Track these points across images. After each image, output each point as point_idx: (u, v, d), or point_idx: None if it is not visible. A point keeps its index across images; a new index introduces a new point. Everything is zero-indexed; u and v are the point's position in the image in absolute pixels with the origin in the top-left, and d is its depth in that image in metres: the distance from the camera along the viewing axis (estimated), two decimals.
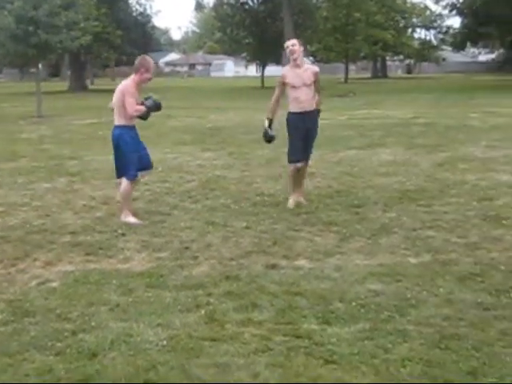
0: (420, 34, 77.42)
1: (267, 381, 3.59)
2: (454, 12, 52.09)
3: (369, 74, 72.05)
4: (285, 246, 6.10)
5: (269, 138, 7.73)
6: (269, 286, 5.00)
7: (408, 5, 68.68)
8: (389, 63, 76.04)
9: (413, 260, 5.64)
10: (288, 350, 3.94)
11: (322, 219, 6.99)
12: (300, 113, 7.43)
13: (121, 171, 7.14)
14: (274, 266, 5.52)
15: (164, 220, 7.13)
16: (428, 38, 70.59)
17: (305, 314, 4.47)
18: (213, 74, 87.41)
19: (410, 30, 70.28)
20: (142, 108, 6.93)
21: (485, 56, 71.29)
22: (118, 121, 7.00)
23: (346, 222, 6.88)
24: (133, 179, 7.11)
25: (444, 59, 70.40)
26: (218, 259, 5.73)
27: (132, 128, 7.07)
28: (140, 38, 50.19)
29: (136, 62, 6.93)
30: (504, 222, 6.76)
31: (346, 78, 55.03)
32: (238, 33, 48.79)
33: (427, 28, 69.61)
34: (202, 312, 4.54)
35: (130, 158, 6.99)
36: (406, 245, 6.06)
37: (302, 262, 5.64)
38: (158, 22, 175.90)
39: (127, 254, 5.94)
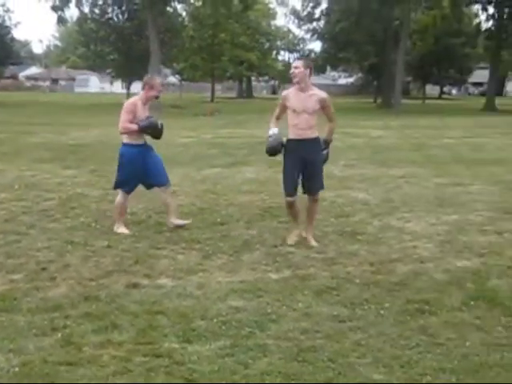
0: (284, 56, 79.88)
1: None
2: (316, 37, 54.38)
3: (234, 94, 73.31)
4: (146, 265, 6.01)
5: (270, 149, 6.87)
6: (129, 306, 4.90)
7: (272, 28, 70.79)
8: (254, 83, 77.86)
9: (274, 276, 5.76)
10: (148, 371, 3.87)
11: (185, 237, 6.97)
12: (297, 140, 6.67)
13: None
14: (135, 286, 5.42)
15: (20, 240, 6.80)
16: (291, 60, 73.01)
17: (166, 332, 4.42)
18: (77, 90, 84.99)
19: (274, 52, 72.42)
20: (133, 127, 6.89)
21: (344, 79, 74.82)
22: (124, 138, 7.09)
23: (208, 239, 6.90)
24: (124, 191, 7.27)
25: None
26: (76, 280, 5.54)
27: (136, 146, 7.05)
28: None
29: (143, 80, 7.13)
30: (359, 237, 7.09)
31: (213, 97, 55.63)
32: (103, 48, 48.00)
33: (290, 51, 72.09)
34: (59, 335, 4.35)
35: (121, 175, 7.22)
36: (267, 261, 6.18)
37: (164, 281, 5.58)
38: (18, 34, 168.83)
39: None
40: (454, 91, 77.65)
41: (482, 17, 58.04)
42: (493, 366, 3.98)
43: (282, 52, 74.00)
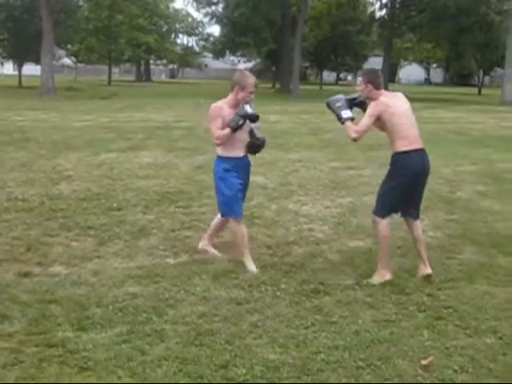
0: (182, 40, 79.09)
1: None
2: (214, 20, 54.13)
3: (133, 77, 71.93)
4: (39, 253, 5.81)
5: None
6: (21, 296, 4.73)
7: (171, 10, 69.81)
8: (152, 67, 76.69)
9: (171, 261, 5.73)
10: (40, 361, 3.76)
11: (80, 223, 6.79)
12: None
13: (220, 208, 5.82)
14: (26, 274, 5.23)
15: None
16: (190, 44, 72.46)
17: (59, 322, 4.31)
18: None
19: (172, 36, 71.49)
20: (225, 132, 5.47)
21: (244, 64, 75.09)
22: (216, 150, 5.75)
23: (104, 225, 6.76)
24: (239, 218, 5.70)
25: (206, 65, 72.72)
26: None
27: (227, 160, 5.59)
28: None
29: (232, 78, 5.68)
30: (257, 220, 7.16)
31: (110, 81, 54.34)
32: None
33: (189, 34, 71.35)
34: None
35: (222, 196, 5.67)
36: (165, 246, 6.14)
37: (57, 269, 5.42)
38: None
39: None
40: (349, 77, 79.60)
41: (376, 5, 59.75)
42: (383, 341, 4.14)
43: (180, 35, 73.15)
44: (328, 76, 71.59)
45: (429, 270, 5.39)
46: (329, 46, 55.63)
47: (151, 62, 72.31)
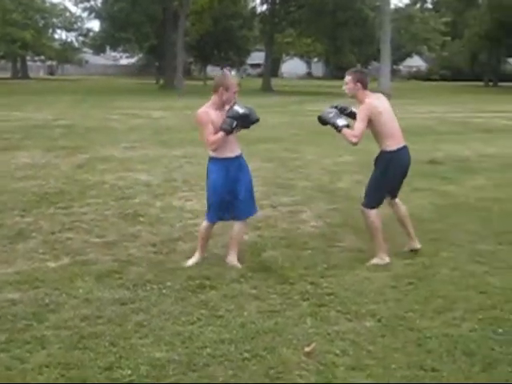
0: (61, 35, 76.53)
1: None
2: (93, 15, 52.81)
3: (8, 74, 68.81)
4: None
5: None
6: None
7: (47, 5, 67.32)
8: (30, 63, 73.58)
9: (52, 264, 5.54)
10: None
11: None
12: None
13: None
14: None
15: None
16: (69, 39, 70.19)
17: None
18: None
19: (50, 31, 68.98)
20: (219, 136, 5.38)
21: (126, 60, 73.77)
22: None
23: None
24: (210, 222, 5.72)
25: (87, 61, 70.80)
26: None
27: (220, 161, 5.54)
28: None
29: (214, 79, 5.66)
30: (141, 218, 7.07)
31: None
32: None
33: (68, 30, 69.13)
34: None
35: (209, 198, 5.66)
36: (45, 249, 5.93)
37: None
38: None
39: None
40: (233, 72, 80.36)
41: (257, 0, 60.52)
42: (268, 331, 4.21)
43: (58, 31, 70.67)
44: (212, 71, 71.76)
45: (418, 245, 5.99)
46: (212, 41, 55.75)
47: (28, 58, 69.41)
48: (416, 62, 74.62)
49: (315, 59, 79.13)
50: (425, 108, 24.81)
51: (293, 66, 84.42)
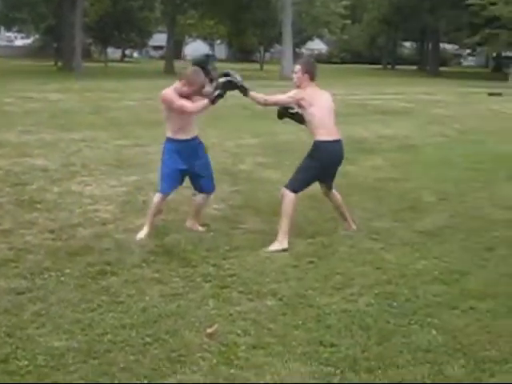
0: None
1: None
2: None
3: None
4: None
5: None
6: None
7: None
8: None
9: None
10: None
11: None
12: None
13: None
14: None
15: None
16: None
17: None
18: None
19: None
20: (205, 103, 5.64)
21: (22, 41, 70.74)
22: (166, 132, 5.93)
23: None
24: (163, 193, 5.95)
25: None
26: None
27: (173, 142, 5.86)
28: None
29: (187, 70, 5.75)
30: (38, 205, 6.83)
31: None
32: None
33: None
34: None
35: (161, 173, 5.98)
36: None
37: None
38: None
39: None
40: (135, 54, 78.65)
41: None
42: (170, 315, 4.20)
43: None
44: (113, 53, 70.11)
45: (354, 226, 6.19)
46: (112, 22, 54.34)
47: None
48: (317, 45, 75.82)
49: (218, 41, 78.85)
50: (326, 90, 25.15)
51: (196, 48, 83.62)
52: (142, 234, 5.82)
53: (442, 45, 59.40)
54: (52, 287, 4.64)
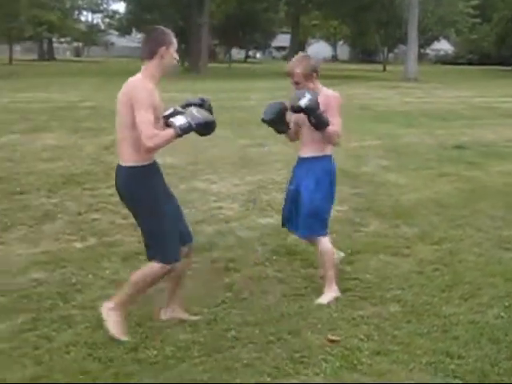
0: (87, 17, 76.80)
1: None
2: None
3: (35, 56, 69.27)
4: None
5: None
6: None
7: None
8: (56, 45, 73.95)
9: (78, 245, 5.60)
10: None
11: None
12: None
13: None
14: None
15: None
16: (95, 21, 70.43)
17: None
18: None
19: (76, 13, 69.23)
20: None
21: None
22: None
23: (6, 210, 6.52)
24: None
25: (112, 43, 70.97)
26: None
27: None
28: None
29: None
30: None
31: (11, 59, 52.10)
32: None
33: (94, 11, 69.33)
34: None
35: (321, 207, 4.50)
36: (72, 230, 5.99)
37: None
38: None
39: None
40: (258, 55, 79.93)
41: None
42: (292, 315, 4.22)
43: (84, 12, 71.00)
44: (237, 53, 71.55)
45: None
46: (236, 24, 55.49)
47: (54, 39, 69.74)
48: (443, 46, 73.59)
49: (341, 42, 78.39)
50: (451, 93, 24.48)
51: (318, 49, 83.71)
52: (326, 299, 4.49)
53: None
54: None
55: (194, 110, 3.84)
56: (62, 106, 16.88)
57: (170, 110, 3.92)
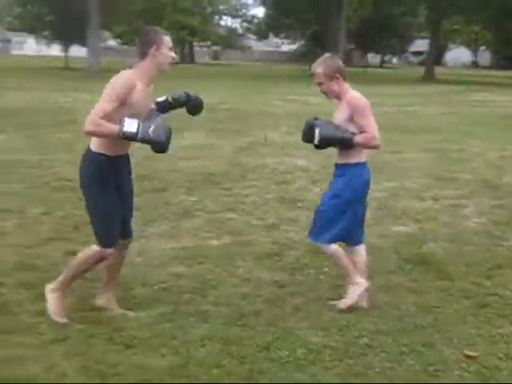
0: (226, 21, 79.06)
1: (65, 371, 3.47)
2: (259, 2, 53.95)
3: (176, 59, 72.22)
4: (86, 232, 5.90)
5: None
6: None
7: None
8: (196, 49, 76.78)
9: (214, 242, 5.77)
10: (87, 338, 3.84)
11: None
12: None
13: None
14: (73, 253, 5.30)
15: None
16: (234, 25, 72.33)
17: None
18: (13, 52, 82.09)
19: (216, 18, 71.48)
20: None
21: (287, 46, 74.61)
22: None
23: (149, 206, 6.84)
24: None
25: (249, 47, 72.56)
26: (12, 248, 5.42)
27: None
28: None
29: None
30: (299, 203, 7.15)
31: None
32: (40, 9, 46.23)
33: (233, 16, 71.25)
34: None
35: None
36: (208, 228, 6.19)
37: None
38: None
39: None
40: (394, 60, 78.61)
41: None
42: (426, 327, 4.11)
43: (224, 17, 73.12)
44: (372, 58, 70.73)
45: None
46: (373, 28, 54.88)
47: (194, 43, 72.38)
48: None
49: (482, 48, 75.31)
50: None
51: (457, 55, 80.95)
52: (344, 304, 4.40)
53: None
54: (311, 284, 4.82)
55: (153, 126, 3.79)
56: None
57: (163, 98, 4.30)
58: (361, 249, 4.60)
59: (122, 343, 3.79)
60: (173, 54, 4.07)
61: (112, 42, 67.44)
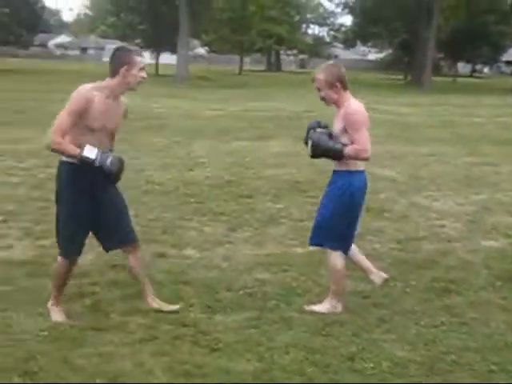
0: (313, 30, 79.11)
1: (152, 369, 3.56)
2: (347, 10, 53.69)
3: (263, 67, 72.82)
4: (174, 235, 6.07)
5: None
6: (156, 275, 4.96)
7: (303, 1, 69.95)
8: (283, 57, 77.17)
9: (299, 250, 5.78)
10: (173, 339, 3.93)
11: (212, 209, 7.01)
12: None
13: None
14: (162, 255, 5.49)
15: (48, 207, 6.87)
16: (321, 34, 72.31)
17: (191, 302, 4.48)
18: (105, 59, 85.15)
19: (304, 26, 71.69)
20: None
21: (374, 55, 73.82)
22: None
23: (235, 212, 6.93)
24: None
25: (336, 56, 72.26)
26: None
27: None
28: (28, 18, 48.13)
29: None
30: (386, 214, 7.06)
31: (241, 70, 55.33)
32: (133, 18, 47.80)
33: (320, 25, 71.24)
34: (87, 301, 4.44)
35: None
36: (293, 235, 6.20)
37: (190, 252, 5.64)
38: (49, 2, 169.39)
39: (8, 242, 5.70)
40: (485, 70, 76.28)
41: None
42: None
43: (311, 26, 73.27)
44: (462, 67, 68.88)
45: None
46: (465, 37, 53.40)
47: (281, 52, 72.79)
48: None
49: None
50: None
51: None
52: (321, 308, 4.46)
53: None
54: (397, 296, 4.75)
55: (111, 158, 4.00)
56: (289, 116, 17.55)
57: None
58: (353, 249, 4.66)
59: (208, 346, 3.86)
60: (143, 75, 4.10)
61: (201, 50, 68.85)
